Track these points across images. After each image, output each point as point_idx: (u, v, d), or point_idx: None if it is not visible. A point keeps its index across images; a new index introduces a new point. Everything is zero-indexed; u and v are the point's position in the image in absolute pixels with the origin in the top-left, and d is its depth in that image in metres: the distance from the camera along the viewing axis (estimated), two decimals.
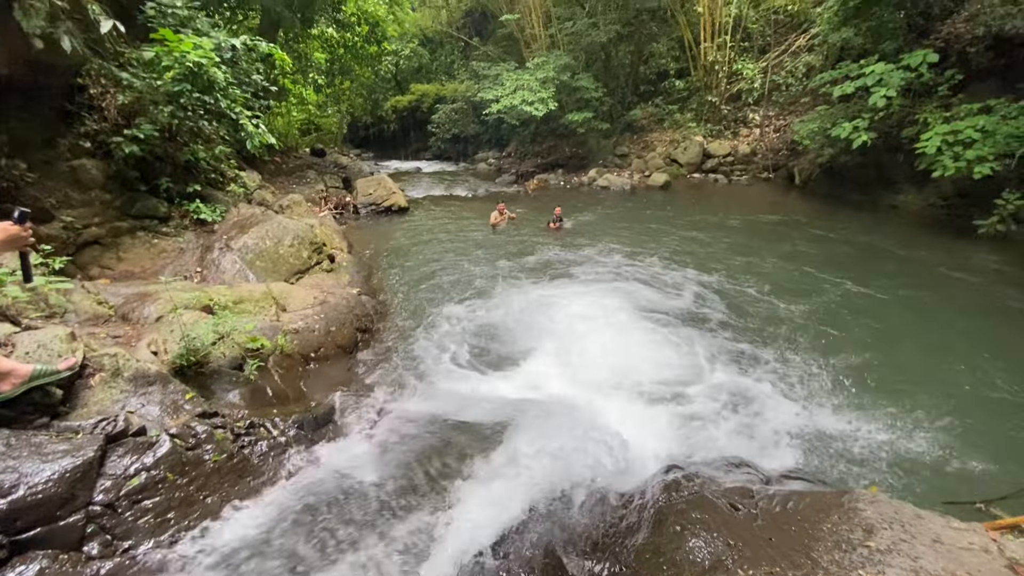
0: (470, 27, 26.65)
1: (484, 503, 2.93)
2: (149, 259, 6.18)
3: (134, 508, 2.18)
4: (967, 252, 8.53)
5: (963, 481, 3.61)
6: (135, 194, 6.64)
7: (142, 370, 2.76)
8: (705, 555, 2.24)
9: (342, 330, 5.32)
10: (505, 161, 21.05)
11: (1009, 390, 4.57)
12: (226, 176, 8.26)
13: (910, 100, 10.52)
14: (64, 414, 2.36)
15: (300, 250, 6.91)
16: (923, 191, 11.00)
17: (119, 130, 6.43)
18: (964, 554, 2.25)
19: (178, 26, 7.52)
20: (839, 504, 2.58)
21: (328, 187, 12.98)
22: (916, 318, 6.12)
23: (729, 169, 15.74)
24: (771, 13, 16.43)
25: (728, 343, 5.61)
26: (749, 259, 8.51)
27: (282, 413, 3.14)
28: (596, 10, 17.76)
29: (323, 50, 17.09)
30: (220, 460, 2.55)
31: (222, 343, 3.45)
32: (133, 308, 3.95)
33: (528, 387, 4.62)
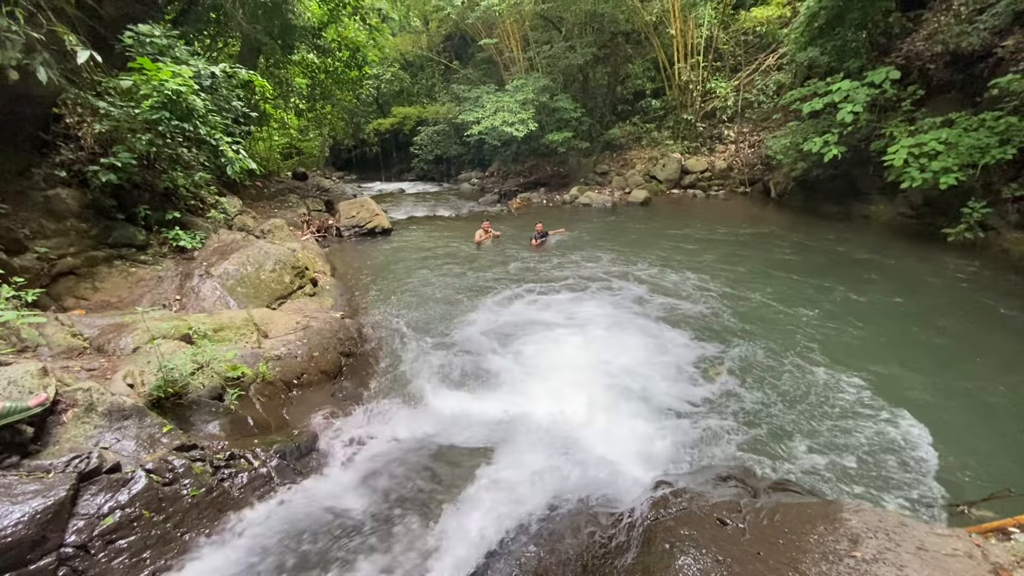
0: (450, 51, 27.09)
1: (471, 528, 2.89)
2: (126, 288, 6.07)
3: (108, 548, 2.11)
4: (939, 258, 8.79)
5: (946, 484, 3.66)
6: (112, 223, 6.55)
7: (117, 404, 2.69)
8: (695, 573, 2.23)
9: (325, 355, 5.26)
10: (488, 181, 21.25)
11: (987, 388, 4.68)
12: (206, 202, 8.19)
13: (876, 115, 10.93)
14: (35, 452, 2.29)
15: (282, 275, 6.85)
16: (893, 201, 11.35)
17: (96, 159, 6.36)
18: (949, 560, 2.28)
19: (156, 54, 7.52)
20: (825, 515, 2.60)
21: (310, 210, 12.93)
22: (894, 322, 6.26)
23: (707, 184, 16.08)
24: (741, 34, 17.03)
25: (712, 352, 5.67)
26: (729, 270, 8.66)
27: (263, 443, 3.07)
28: (572, 34, 18.21)
29: (304, 75, 17.20)
30: (199, 494, 2.48)
31: (201, 373, 3.39)
32: (109, 339, 3.86)
33: (511, 406, 4.59)
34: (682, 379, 5.18)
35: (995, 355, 5.33)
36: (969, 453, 3.89)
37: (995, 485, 3.61)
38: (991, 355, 5.33)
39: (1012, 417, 4.32)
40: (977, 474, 3.73)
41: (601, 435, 4.24)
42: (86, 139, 6.54)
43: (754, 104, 16.15)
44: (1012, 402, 4.49)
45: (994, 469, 3.77)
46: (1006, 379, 4.82)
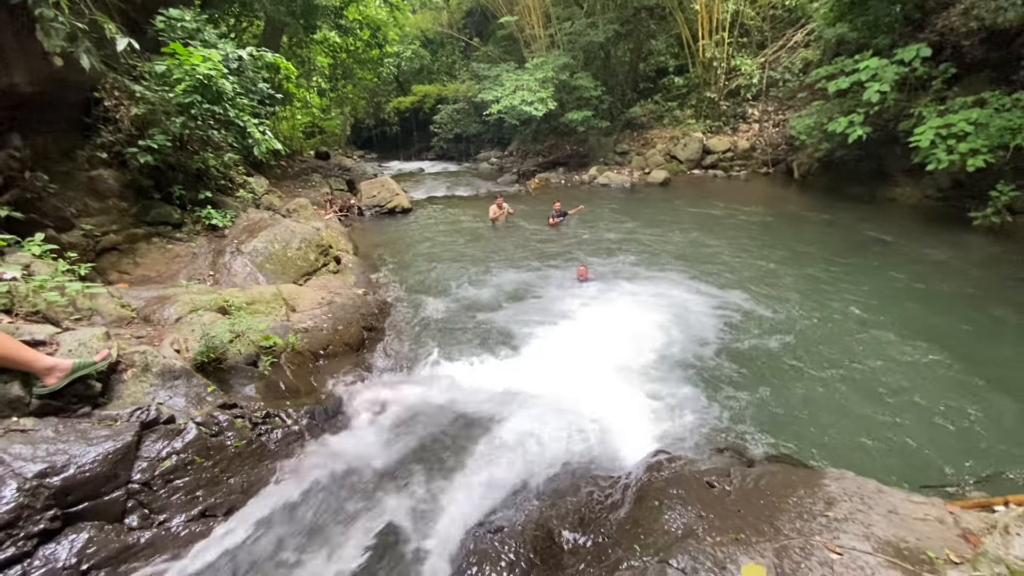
0: (471, 28, 26.86)
1: (482, 483, 3.18)
2: (164, 264, 6.47)
3: (167, 486, 2.45)
4: (966, 243, 8.67)
5: (951, 466, 3.74)
6: (149, 202, 6.94)
7: (169, 365, 3.03)
8: (679, 525, 2.48)
9: (349, 328, 5.58)
10: (507, 160, 21.27)
11: (1001, 375, 4.72)
12: (235, 182, 8.55)
13: (906, 94, 10.65)
14: (103, 404, 2.64)
15: (307, 252, 7.18)
16: (920, 183, 11.13)
17: (133, 141, 6.71)
18: (918, 523, 2.46)
19: (187, 38, 7.80)
20: (807, 481, 2.81)
21: (333, 190, 13.26)
22: (917, 307, 6.27)
23: (728, 165, 15.88)
24: (769, 8, 16.53)
25: (728, 332, 5.81)
26: (748, 251, 8.72)
27: (295, 404, 3.40)
28: (595, 9, 17.92)
29: (326, 55, 17.38)
30: (240, 446, 2.81)
31: (238, 341, 3.72)
32: (154, 310, 4.22)
33: (523, 376, 4.84)
34: (695, 356, 5.35)
35: (1012, 342, 5.35)
36: (971, 436, 3.99)
37: (996, 467, 3.71)
38: (1008, 340, 5.36)
39: None
40: (978, 456, 3.82)
41: (609, 407, 4.44)
42: (124, 122, 6.89)
43: (779, 82, 15.78)
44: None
45: (993, 452, 3.86)
46: (1001, 369, 4.86)
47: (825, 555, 2.20)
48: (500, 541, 2.58)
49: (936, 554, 2.20)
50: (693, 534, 2.39)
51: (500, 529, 2.70)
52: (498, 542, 2.55)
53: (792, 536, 2.33)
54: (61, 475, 2.18)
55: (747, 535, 2.35)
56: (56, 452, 2.22)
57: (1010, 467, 3.67)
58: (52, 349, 2.64)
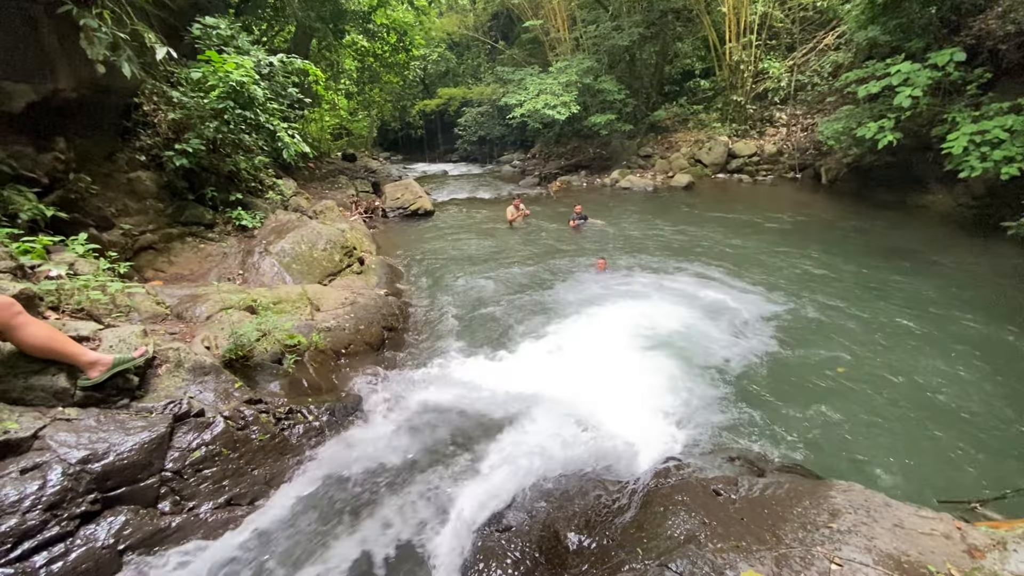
0: (496, 31, 27.06)
1: (494, 482, 3.28)
2: (196, 263, 6.77)
3: (197, 475, 2.62)
4: (999, 252, 8.43)
5: (972, 480, 3.69)
6: (184, 203, 7.26)
7: (199, 362, 3.22)
8: (682, 531, 2.53)
9: (370, 329, 5.75)
10: (530, 163, 21.38)
11: (1001, 390, 4.63)
12: (264, 184, 8.86)
13: (939, 99, 10.36)
14: (140, 397, 2.83)
15: (332, 254, 7.41)
16: (953, 191, 10.82)
17: (170, 144, 7.05)
18: (923, 538, 2.47)
19: (221, 45, 8.14)
20: (814, 492, 2.82)
21: (358, 192, 13.57)
22: (946, 319, 6.13)
23: (755, 169, 15.66)
24: (799, 10, 16.24)
25: (748, 341, 5.77)
26: (771, 258, 8.62)
27: (316, 401, 3.56)
28: (621, 12, 17.88)
29: (353, 59, 17.78)
30: (265, 439, 2.97)
31: (264, 340, 3.90)
32: (186, 308, 4.45)
33: (543, 378, 4.90)
34: (713, 361, 5.34)
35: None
36: (993, 452, 3.92)
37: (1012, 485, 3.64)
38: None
39: None
40: (1003, 473, 3.75)
41: (623, 413, 4.48)
42: (161, 126, 7.24)
43: (808, 86, 15.49)
44: None
45: (1011, 469, 3.79)
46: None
47: (825, 565, 2.23)
48: (507, 540, 2.68)
49: (937, 568, 2.20)
50: (695, 540, 2.44)
51: (508, 528, 2.80)
52: (505, 541, 2.65)
53: (793, 546, 2.36)
54: (101, 462, 2.36)
55: (748, 543, 2.39)
56: (97, 440, 2.40)
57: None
58: (95, 344, 2.84)
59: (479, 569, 2.48)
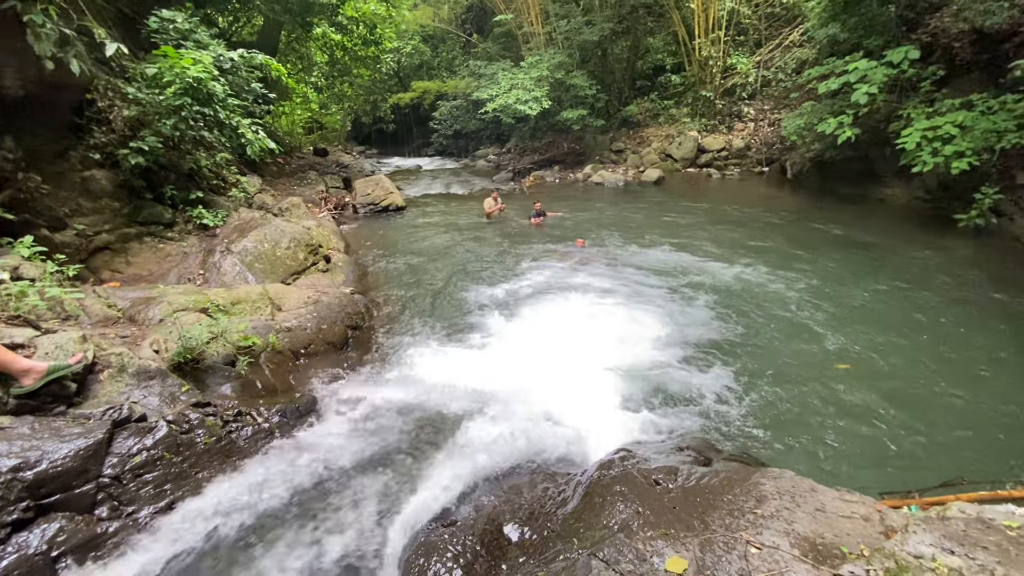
0: (471, 23, 26.87)
1: (445, 479, 3.34)
2: (155, 263, 6.65)
3: (137, 480, 2.62)
4: (950, 244, 8.76)
5: (915, 471, 3.80)
6: (141, 202, 7.11)
7: (144, 366, 3.20)
8: (616, 520, 2.63)
9: (333, 328, 5.74)
10: (504, 157, 21.37)
11: (962, 378, 4.82)
12: (227, 182, 8.71)
13: (895, 95, 10.69)
14: (78, 404, 2.81)
15: (297, 252, 7.35)
16: (909, 185, 11.19)
17: (126, 142, 6.88)
18: (842, 521, 2.60)
19: (179, 39, 7.96)
20: (746, 479, 2.95)
21: (328, 188, 13.42)
22: (889, 309, 6.37)
23: (723, 164, 15.94)
24: (765, 7, 16.52)
25: (707, 332, 5.92)
26: (734, 251, 8.81)
27: (268, 403, 3.57)
28: (592, 6, 17.94)
29: (323, 52, 17.49)
30: (210, 443, 2.98)
31: (216, 342, 3.89)
32: (139, 310, 4.39)
33: (503, 374, 4.96)
34: (673, 353, 5.46)
35: (977, 344, 5.46)
36: (937, 441, 4.07)
37: (955, 474, 3.81)
38: (973, 348, 5.47)
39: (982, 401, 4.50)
40: (937, 461, 3.89)
41: (582, 404, 4.57)
42: (116, 123, 7.06)
43: (774, 82, 15.80)
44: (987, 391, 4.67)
45: (960, 457, 3.94)
46: (988, 366, 4.98)
47: (745, 550, 2.35)
48: (451, 535, 2.74)
49: (850, 550, 2.34)
50: (627, 529, 2.54)
51: (453, 523, 2.86)
52: (448, 535, 2.71)
53: (718, 531, 2.48)
54: (34, 469, 2.35)
55: (677, 530, 2.50)
56: (30, 448, 2.39)
57: (981, 467, 3.75)
58: (30, 352, 2.81)
59: (419, 564, 2.55)
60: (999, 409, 4.37)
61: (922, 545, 2.10)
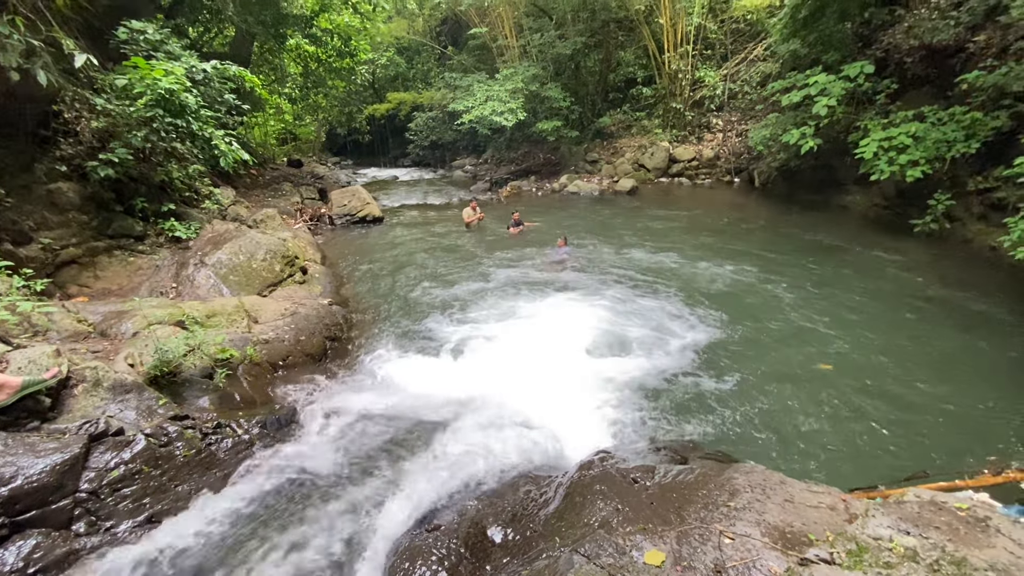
0: (446, 36, 27.07)
1: (427, 486, 3.36)
2: (126, 276, 6.51)
3: (114, 495, 2.59)
4: (907, 248, 9.17)
5: (882, 467, 3.98)
6: (111, 214, 6.97)
7: (120, 380, 3.15)
8: (597, 518, 2.71)
9: (311, 339, 5.71)
10: (481, 168, 21.52)
11: (922, 375, 5.07)
12: (200, 193, 8.59)
13: (853, 108, 11.20)
14: (53, 419, 2.76)
15: (272, 263, 7.28)
16: (868, 192, 11.69)
17: (94, 153, 6.75)
18: (809, 511, 2.74)
19: (150, 50, 7.86)
20: (720, 475, 3.07)
21: (304, 199, 13.31)
22: (855, 310, 6.65)
23: (694, 173, 16.38)
24: (731, 23, 17.15)
25: (681, 335, 6.09)
26: (705, 258, 9.06)
27: (247, 415, 3.55)
28: (565, 20, 18.32)
29: (297, 63, 17.42)
30: (190, 455, 2.96)
31: (193, 355, 3.85)
32: (111, 325, 4.31)
33: (483, 381, 5.03)
34: (649, 355, 5.62)
35: (936, 342, 5.76)
36: (894, 437, 4.27)
37: (917, 467, 4.00)
38: (924, 346, 5.77)
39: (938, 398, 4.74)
40: (903, 456, 4.06)
41: (561, 408, 4.66)
42: (84, 135, 6.93)
43: (740, 94, 16.37)
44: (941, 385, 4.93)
45: (920, 452, 4.11)
46: (945, 364, 5.26)
47: (719, 540, 2.46)
48: (435, 539, 2.78)
49: (816, 536, 2.47)
50: (607, 525, 2.62)
51: (437, 528, 2.90)
52: (432, 539, 2.75)
53: (694, 524, 2.58)
54: (8, 486, 2.31)
55: (655, 525, 2.60)
56: (4, 464, 2.34)
57: (943, 461, 3.95)
58: (2, 367, 2.75)
59: (405, 568, 2.57)
60: (956, 404, 4.63)
61: (880, 528, 2.24)
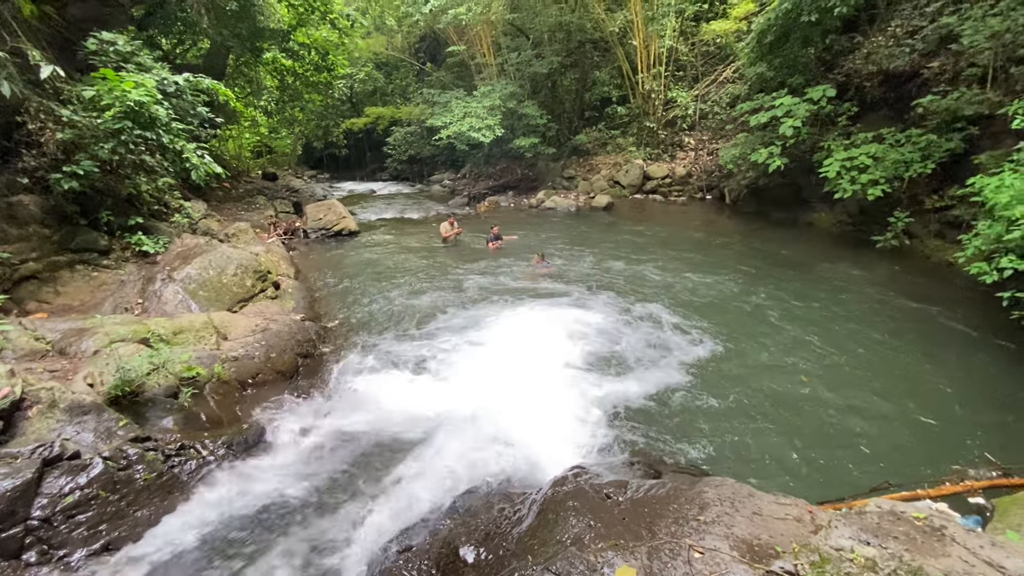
0: (424, 52, 27.29)
1: (399, 506, 3.32)
2: (88, 292, 6.30)
3: (69, 522, 2.48)
4: (869, 263, 9.53)
5: (851, 477, 4.09)
6: (74, 228, 6.75)
7: (77, 401, 3.04)
8: (570, 535, 2.71)
9: (283, 356, 5.60)
10: (460, 182, 21.59)
11: (883, 388, 5.24)
12: (170, 207, 8.40)
13: (817, 129, 11.67)
14: (4, 442, 2.63)
15: (244, 278, 7.14)
16: (833, 209, 12.12)
17: (58, 165, 6.55)
18: (777, 523, 2.79)
19: (120, 62, 7.71)
20: (690, 488, 3.11)
21: (278, 212, 13.13)
22: (822, 323, 6.86)
23: (667, 190, 16.76)
24: (701, 46, 17.76)
25: (654, 348, 6.17)
26: (678, 272, 9.23)
27: (213, 436, 3.45)
28: (542, 40, 18.70)
29: (273, 76, 17.30)
30: (150, 478, 2.85)
31: (157, 373, 3.73)
32: (70, 343, 4.16)
33: (457, 398, 5.00)
34: (622, 372, 5.67)
35: (898, 355, 5.97)
36: (861, 448, 4.39)
37: (881, 479, 4.11)
38: (886, 353, 5.98)
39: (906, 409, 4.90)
40: (870, 469, 4.17)
41: (537, 424, 4.65)
42: (48, 146, 6.72)
43: (710, 114, 16.90)
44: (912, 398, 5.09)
45: (884, 464, 4.22)
46: (903, 379, 5.44)
47: (689, 555, 2.48)
48: (406, 560, 2.73)
49: (783, 548, 2.52)
50: (579, 542, 2.62)
51: (409, 549, 2.85)
52: (403, 561, 2.70)
53: (665, 539, 2.60)
54: None
55: (626, 540, 2.61)
56: None
57: (906, 472, 4.06)
58: None
59: None
60: (922, 415, 4.80)
61: (842, 539, 2.30)
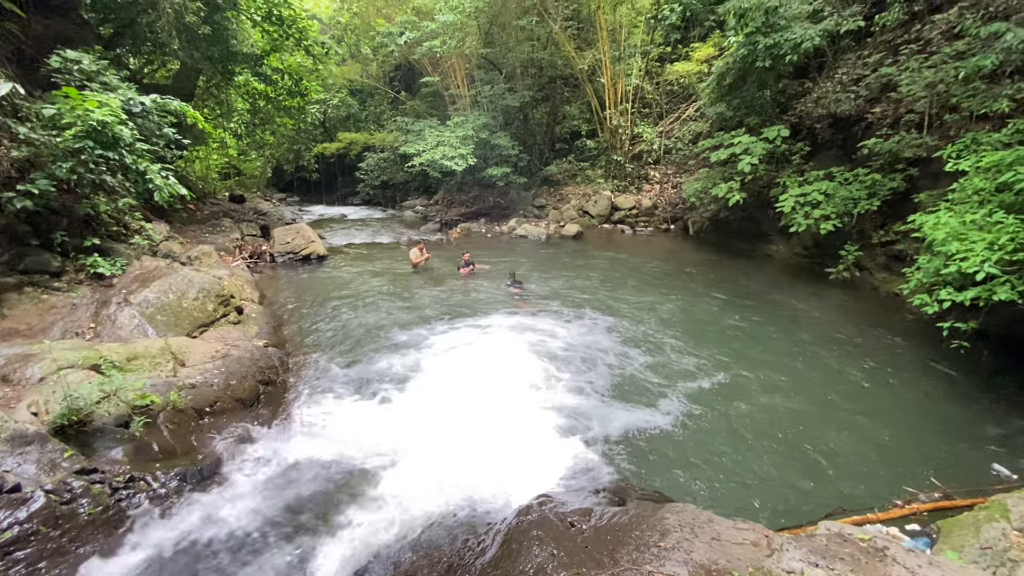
0: (399, 81, 27.68)
1: (359, 539, 3.24)
2: (37, 316, 6.01)
3: (5, 559, 2.32)
4: (823, 294, 9.99)
5: (811, 502, 4.19)
6: (25, 248, 6.48)
7: (20, 431, 2.89)
8: (532, 564, 2.71)
9: (243, 383, 5.44)
10: (432, 209, 21.70)
11: (839, 414, 5.46)
12: (130, 228, 8.16)
13: (774, 165, 12.32)
14: None
15: (205, 303, 6.96)
16: (790, 242, 12.70)
17: (11, 184, 6.32)
18: (734, 547, 2.86)
19: (84, 80, 7.57)
20: (652, 515, 3.16)
21: (244, 235, 12.88)
22: (781, 351, 7.13)
23: (634, 221, 17.26)
24: (666, 85, 18.66)
25: (614, 376, 6.27)
26: (641, 300, 9.46)
27: (165, 467, 3.31)
28: (514, 74, 19.29)
29: (245, 100, 17.22)
30: (95, 513, 2.71)
31: (107, 401, 3.58)
32: (15, 369, 3.96)
33: (423, 426, 4.97)
34: (591, 397, 5.73)
35: (849, 382, 6.24)
36: (811, 472, 4.55)
37: (838, 503, 4.26)
38: (838, 379, 6.25)
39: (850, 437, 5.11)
40: (823, 494, 4.31)
41: (503, 454, 4.64)
42: (3, 164, 6.49)
43: (674, 150, 17.65)
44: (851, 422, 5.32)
45: (839, 487, 4.38)
46: (858, 402, 5.68)
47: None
48: None
49: (739, 573, 2.58)
50: (542, 571, 2.62)
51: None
52: None
53: (626, 567, 2.63)
54: None
55: (587, 568, 2.63)
56: None
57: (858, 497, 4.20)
58: None
59: None
60: (872, 441, 5.00)
61: (793, 561, 2.37)
